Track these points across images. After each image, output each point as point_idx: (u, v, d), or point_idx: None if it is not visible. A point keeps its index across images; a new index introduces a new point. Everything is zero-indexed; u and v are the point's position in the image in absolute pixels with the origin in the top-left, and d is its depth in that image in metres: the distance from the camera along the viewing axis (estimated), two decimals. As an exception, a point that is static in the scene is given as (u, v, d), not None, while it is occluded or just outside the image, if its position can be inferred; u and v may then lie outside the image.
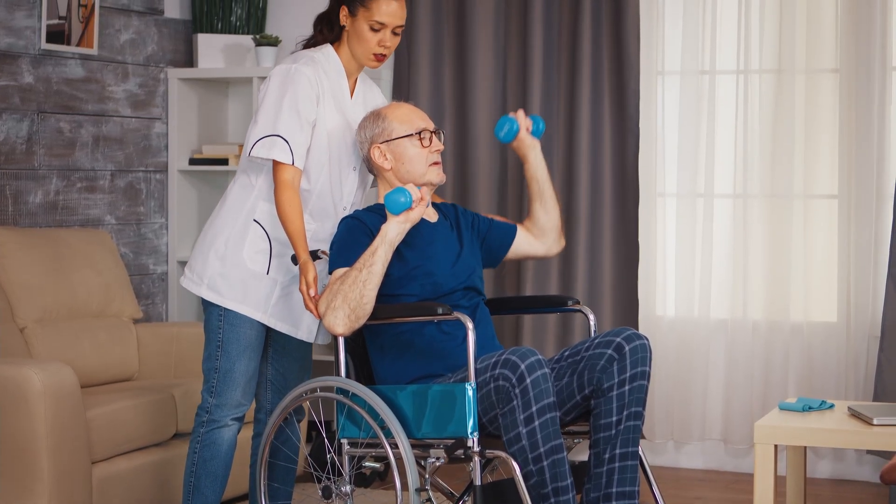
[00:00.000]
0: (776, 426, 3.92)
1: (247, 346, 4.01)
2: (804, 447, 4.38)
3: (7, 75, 5.26)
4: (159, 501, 4.71)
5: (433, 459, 3.61)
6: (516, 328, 5.75)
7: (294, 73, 3.92)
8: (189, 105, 6.05)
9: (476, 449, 3.54)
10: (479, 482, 3.53)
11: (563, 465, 3.52)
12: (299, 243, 3.83)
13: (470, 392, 3.55)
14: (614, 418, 3.67)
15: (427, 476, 3.65)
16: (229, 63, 6.02)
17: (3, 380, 4.26)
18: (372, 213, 3.87)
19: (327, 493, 3.77)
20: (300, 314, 4.04)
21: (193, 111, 6.08)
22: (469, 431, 3.54)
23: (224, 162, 5.96)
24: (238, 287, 3.99)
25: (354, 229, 3.82)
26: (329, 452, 3.86)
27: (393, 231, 3.70)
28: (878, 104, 5.37)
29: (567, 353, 3.79)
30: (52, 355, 4.85)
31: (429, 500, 3.67)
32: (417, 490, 3.60)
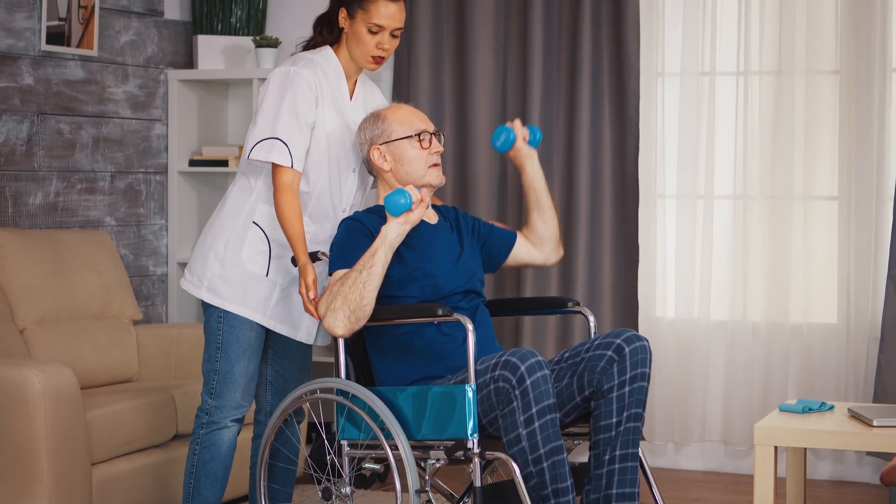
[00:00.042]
0: (776, 427, 3.92)
1: (246, 348, 4.01)
2: (804, 448, 4.38)
3: (7, 77, 5.25)
4: (159, 503, 4.71)
5: (433, 461, 3.61)
6: (516, 330, 5.74)
7: (293, 76, 3.92)
8: (189, 106, 6.05)
9: (476, 450, 3.53)
10: (479, 483, 3.53)
11: (564, 467, 3.52)
12: (298, 246, 3.83)
13: (470, 393, 3.55)
14: (614, 420, 3.67)
15: (427, 477, 3.64)
16: (229, 64, 6.02)
17: (3, 381, 4.26)
18: (372, 215, 3.86)
19: (327, 495, 3.76)
20: (299, 316, 4.04)
21: (193, 112, 6.07)
22: (469, 433, 3.54)
23: (224, 163, 5.95)
24: (237, 289, 3.99)
25: (354, 231, 3.82)
26: (329, 454, 3.86)
27: (393, 232, 3.69)
28: (878, 105, 5.36)
29: (567, 355, 3.79)
30: (52, 357, 4.85)
31: (429, 502, 3.67)
32: (417, 491, 3.60)
